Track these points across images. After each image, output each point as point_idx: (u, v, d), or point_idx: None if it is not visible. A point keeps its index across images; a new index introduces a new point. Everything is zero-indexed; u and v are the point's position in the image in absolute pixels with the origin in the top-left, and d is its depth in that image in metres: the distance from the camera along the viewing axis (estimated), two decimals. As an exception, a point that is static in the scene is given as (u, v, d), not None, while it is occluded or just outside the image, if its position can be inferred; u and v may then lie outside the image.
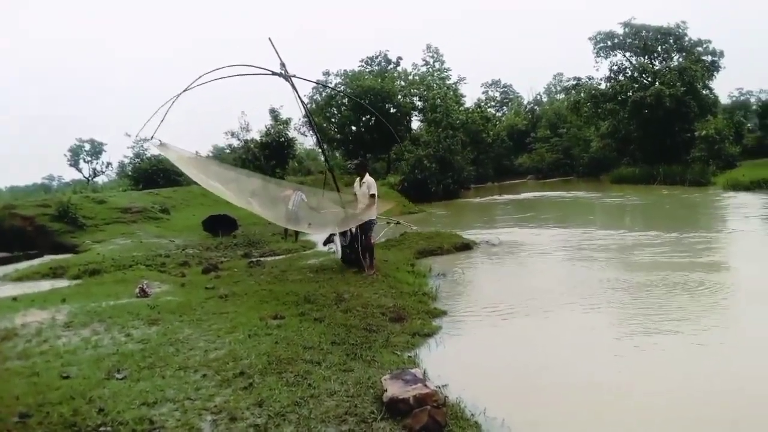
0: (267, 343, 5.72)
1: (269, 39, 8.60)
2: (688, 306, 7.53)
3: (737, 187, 25.16)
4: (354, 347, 5.82)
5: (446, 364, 5.61)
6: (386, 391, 4.18)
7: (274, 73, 8.93)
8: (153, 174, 35.78)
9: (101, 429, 3.75)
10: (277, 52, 8.78)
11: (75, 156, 55.31)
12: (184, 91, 8.76)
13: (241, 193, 10.36)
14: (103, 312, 7.07)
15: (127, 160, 44.80)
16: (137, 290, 8.45)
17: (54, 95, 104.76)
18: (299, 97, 9.75)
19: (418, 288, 8.93)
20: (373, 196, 9.72)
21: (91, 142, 54.78)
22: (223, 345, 5.68)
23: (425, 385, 4.17)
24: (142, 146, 39.21)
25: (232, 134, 36.70)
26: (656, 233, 13.83)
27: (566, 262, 11.49)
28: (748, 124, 44.33)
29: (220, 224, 18.23)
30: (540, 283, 9.56)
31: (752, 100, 57.71)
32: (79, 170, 55.98)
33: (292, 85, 9.21)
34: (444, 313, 7.61)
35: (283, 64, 8.87)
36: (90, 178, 55.34)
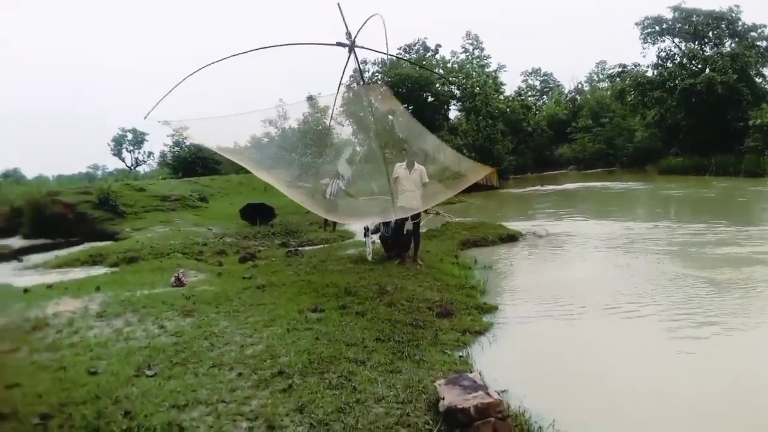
0: (307, 338, 5.31)
1: (338, 4, 8.09)
2: (752, 303, 6.94)
3: (798, 178, 23.75)
4: (400, 345, 5.35)
5: (502, 366, 5.08)
6: (443, 399, 3.69)
7: (339, 44, 8.43)
8: (192, 162, 36.06)
9: (126, 435, 3.39)
10: (344, 20, 8.27)
11: (118, 145, 56.55)
12: (231, 56, 8.22)
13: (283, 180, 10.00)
14: (137, 301, 6.79)
15: (167, 149, 45.24)
16: (173, 279, 8.17)
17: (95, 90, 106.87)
18: (360, 70, 9.24)
19: (464, 281, 8.39)
20: (425, 184, 9.26)
21: (134, 131, 55.78)
22: (260, 340, 5.29)
23: (487, 393, 3.67)
24: (181, 135, 39.37)
25: (270, 122, 36.49)
26: (721, 226, 13.00)
27: (622, 255, 10.68)
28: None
29: (258, 213, 18.07)
30: (594, 278, 8.93)
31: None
32: (122, 159, 57.30)
33: (356, 57, 8.71)
34: (495, 308, 7.05)
35: (348, 34, 8.35)
36: (132, 167, 56.47)
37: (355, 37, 8.39)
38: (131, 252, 12.29)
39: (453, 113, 46.26)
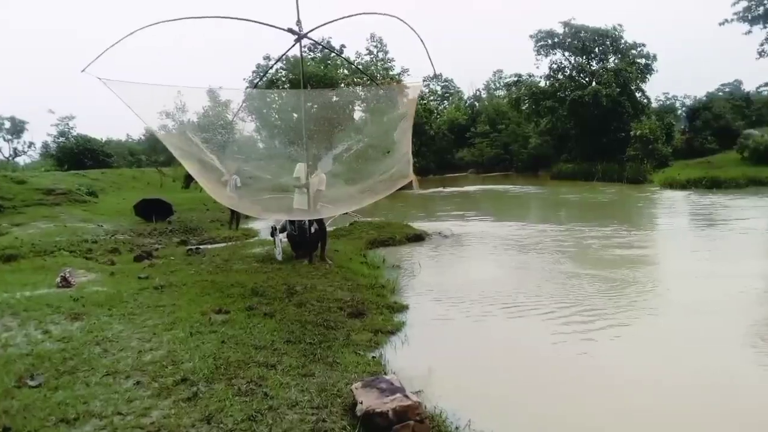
0: (212, 342, 5.00)
1: None
2: (641, 300, 7.45)
3: (674, 185, 25.95)
4: (312, 346, 5.18)
5: (416, 366, 5.06)
6: (360, 402, 3.57)
7: (290, 30, 8.04)
8: (80, 154, 33.60)
9: (6, 456, 2.98)
10: (297, 8, 7.94)
11: (-7, 134, 51.48)
12: (170, 21, 7.53)
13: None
14: (16, 304, 6.14)
15: (50, 140, 41.88)
16: (59, 279, 7.47)
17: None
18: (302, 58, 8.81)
19: (374, 280, 8.33)
20: (319, 191, 9.07)
21: (12, 119, 51.08)
22: (160, 344, 4.92)
23: (405, 396, 3.59)
24: (67, 124, 36.70)
25: (167, 114, 34.62)
26: (614, 229, 13.88)
27: (524, 255, 11.15)
28: (683, 126, 46.17)
29: (154, 209, 17.06)
30: (498, 277, 9.22)
31: (677, 104, 60.97)
32: (-3, 149, 52.19)
33: (300, 48, 8.39)
34: (405, 307, 7.05)
35: (299, 22, 7.99)
36: (10, 158, 51.69)
37: (310, 31, 8.14)
38: (9, 249, 11.14)
39: (358, 114, 46.40)
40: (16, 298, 6.44)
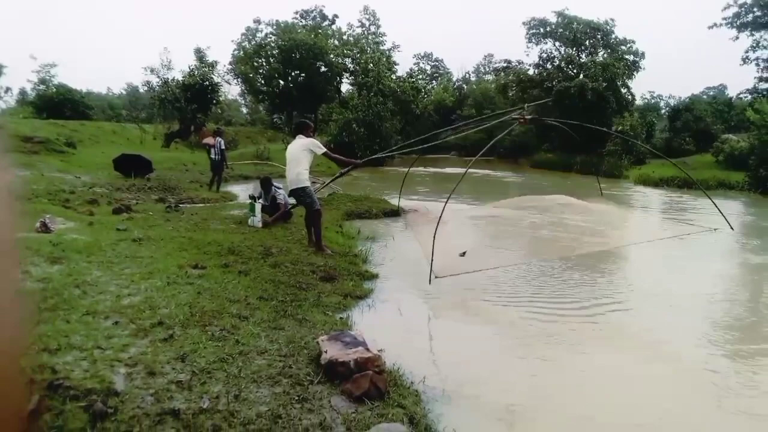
0: (188, 292, 5.23)
1: None
2: (611, 290, 7.79)
3: (647, 182, 26.64)
4: (283, 304, 5.45)
5: (380, 328, 5.35)
6: (325, 352, 3.86)
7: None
8: (59, 103, 32.99)
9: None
10: None
11: (-32, 76, 50.15)
12: None
13: None
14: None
15: (30, 87, 40.94)
16: (38, 224, 7.58)
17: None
18: None
19: (348, 249, 8.63)
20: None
21: (-11, 62, 49.76)
22: (137, 291, 5.12)
23: (367, 349, 3.90)
24: (48, 72, 35.95)
25: (151, 71, 34.24)
26: (589, 219, 14.20)
27: (495, 235, 11.54)
28: (665, 125, 46.92)
29: (134, 165, 17.02)
30: (468, 253, 9.51)
31: (661, 104, 61.96)
32: (-29, 92, 50.91)
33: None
34: (375, 276, 7.38)
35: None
36: (-15, 102, 50.51)
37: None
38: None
39: (345, 86, 46.27)
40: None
